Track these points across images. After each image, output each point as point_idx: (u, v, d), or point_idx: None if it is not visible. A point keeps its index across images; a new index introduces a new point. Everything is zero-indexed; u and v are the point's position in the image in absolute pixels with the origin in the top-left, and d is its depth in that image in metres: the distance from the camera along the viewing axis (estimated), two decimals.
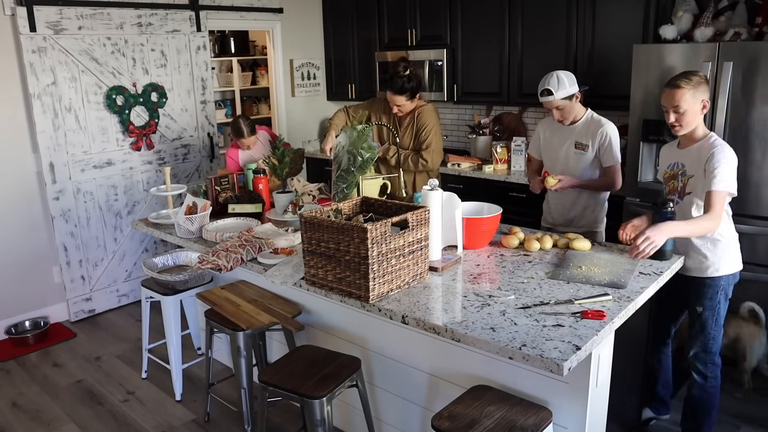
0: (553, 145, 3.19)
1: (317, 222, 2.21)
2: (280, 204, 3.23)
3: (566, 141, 3.12)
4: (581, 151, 3.06)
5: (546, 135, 3.24)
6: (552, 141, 3.20)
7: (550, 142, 3.20)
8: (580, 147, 3.06)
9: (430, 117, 3.65)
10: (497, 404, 2.04)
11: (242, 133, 4.13)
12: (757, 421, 2.99)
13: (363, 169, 2.82)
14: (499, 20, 4.53)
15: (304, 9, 5.73)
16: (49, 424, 3.21)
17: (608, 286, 2.22)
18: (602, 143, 3.01)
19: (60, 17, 4.08)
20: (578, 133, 3.07)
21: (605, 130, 3.00)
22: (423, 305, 2.13)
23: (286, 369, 2.39)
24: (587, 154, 3.05)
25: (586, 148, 3.04)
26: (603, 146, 3.02)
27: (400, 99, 3.59)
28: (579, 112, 3.07)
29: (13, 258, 4.18)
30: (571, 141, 3.10)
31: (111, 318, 4.53)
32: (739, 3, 3.46)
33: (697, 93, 2.40)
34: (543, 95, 2.97)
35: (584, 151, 3.05)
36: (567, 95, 2.96)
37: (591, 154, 3.05)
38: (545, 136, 3.24)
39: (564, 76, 2.96)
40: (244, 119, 4.20)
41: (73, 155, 4.27)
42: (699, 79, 2.43)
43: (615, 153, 3.01)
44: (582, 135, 3.06)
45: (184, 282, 3.19)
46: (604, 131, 3.00)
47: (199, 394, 3.38)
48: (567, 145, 3.11)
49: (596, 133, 3.01)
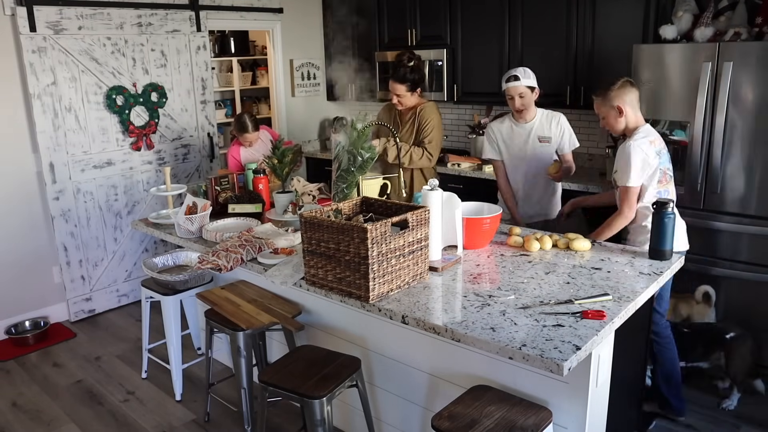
0: (515, 145, 3.40)
1: (317, 222, 2.21)
2: (280, 204, 3.23)
3: (528, 138, 3.36)
4: (546, 143, 3.34)
5: (503, 137, 3.42)
6: (513, 141, 3.40)
7: (511, 142, 3.41)
8: (544, 140, 3.34)
9: (433, 113, 3.65)
10: (497, 404, 2.04)
11: (246, 128, 4.18)
12: (757, 421, 2.99)
13: (363, 169, 2.82)
14: (499, 20, 4.53)
15: (304, 9, 5.73)
16: (49, 424, 3.21)
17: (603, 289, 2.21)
18: (562, 133, 3.34)
19: (60, 17, 4.08)
20: (538, 128, 3.35)
21: (561, 120, 3.35)
22: (423, 305, 2.13)
23: (286, 369, 2.39)
24: (551, 145, 3.35)
25: (550, 140, 3.35)
26: (563, 135, 3.34)
27: (400, 88, 3.58)
28: (534, 110, 3.35)
29: (13, 258, 4.18)
30: (533, 136, 3.35)
31: (111, 318, 4.53)
32: (739, 3, 3.46)
33: (607, 100, 2.74)
34: (510, 81, 3.23)
35: (549, 143, 3.35)
36: (531, 84, 3.24)
37: (554, 145, 3.35)
38: (502, 138, 3.43)
39: (526, 69, 3.27)
40: (249, 115, 4.28)
41: (73, 155, 4.27)
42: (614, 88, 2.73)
43: (574, 138, 3.38)
44: (542, 129, 3.34)
45: (184, 282, 3.19)
46: (562, 122, 3.34)
47: (199, 394, 3.38)
48: (531, 142, 3.35)
49: (555, 124, 3.32)
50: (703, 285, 3.29)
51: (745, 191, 3.27)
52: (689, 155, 3.41)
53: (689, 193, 3.45)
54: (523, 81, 3.21)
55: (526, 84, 3.22)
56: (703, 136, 3.34)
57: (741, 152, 3.25)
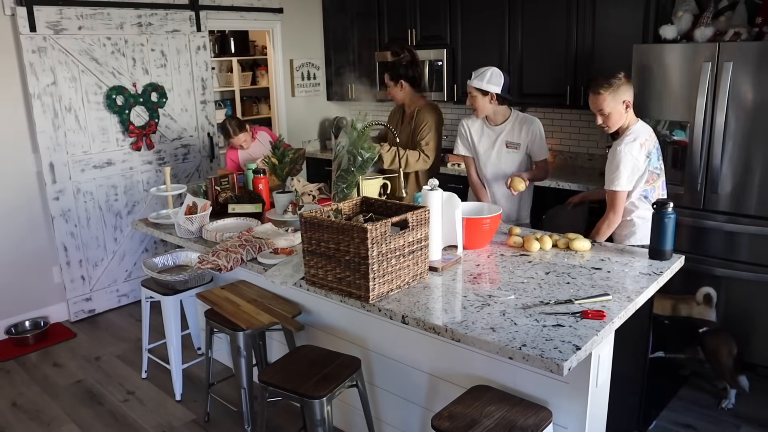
0: (482, 146, 3.36)
1: (317, 222, 2.21)
2: (280, 204, 3.23)
3: (495, 141, 3.30)
4: (513, 149, 3.27)
5: (472, 133, 3.38)
6: (481, 142, 3.36)
7: (479, 142, 3.36)
8: (512, 146, 3.27)
9: (429, 115, 3.63)
10: (497, 404, 2.04)
11: (229, 133, 4.28)
12: (757, 421, 2.99)
13: (363, 169, 2.82)
14: (499, 20, 4.53)
15: (304, 9, 5.73)
16: (49, 424, 3.21)
17: (602, 289, 2.22)
18: (533, 139, 3.24)
19: (60, 17, 4.08)
20: (507, 133, 3.28)
21: (535, 127, 3.24)
22: (423, 305, 2.13)
23: (286, 369, 2.39)
24: (519, 151, 3.28)
25: (518, 147, 3.26)
26: (534, 142, 3.25)
27: (386, 77, 3.70)
28: (503, 113, 3.28)
29: (13, 258, 4.18)
30: (501, 141, 3.29)
31: (111, 318, 4.53)
32: (739, 3, 3.46)
33: (617, 95, 2.66)
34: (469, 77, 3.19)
35: (516, 149, 3.27)
36: (481, 88, 3.16)
37: (522, 150, 3.27)
38: (471, 135, 3.38)
39: (493, 72, 3.15)
40: (230, 119, 4.37)
41: (73, 155, 4.27)
42: (619, 82, 2.67)
43: (545, 146, 3.29)
44: (511, 134, 3.27)
45: (184, 282, 3.19)
46: (534, 128, 3.24)
47: (199, 394, 3.38)
48: (498, 145, 3.30)
49: (526, 130, 3.23)
50: (704, 286, 3.27)
51: (744, 191, 3.27)
52: (689, 155, 3.41)
53: (689, 193, 3.45)
54: (473, 81, 3.17)
55: (475, 85, 3.17)
56: (703, 136, 3.34)
57: (741, 152, 3.25)
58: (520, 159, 3.31)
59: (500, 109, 3.28)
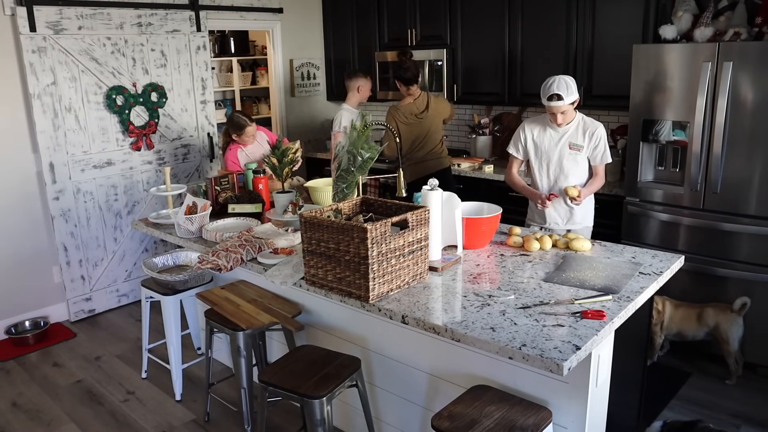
0: (544, 146, 3.25)
1: (317, 222, 2.21)
2: (280, 204, 3.23)
3: (559, 142, 3.19)
4: (576, 151, 3.17)
5: (534, 136, 3.28)
6: (543, 142, 3.25)
7: (541, 143, 3.26)
8: (575, 147, 3.16)
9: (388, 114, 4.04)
10: (497, 404, 2.04)
11: (243, 125, 4.03)
12: (757, 421, 2.99)
13: (363, 169, 2.82)
14: (499, 20, 4.53)
15: (304, 9, 5.73)
16: (49, 424, 3.21)
17: (602, 290, 2.21)
18: (596, 144, 3.14)
19: (60, 17, 4.08)
20: (571, 134, 3.17)
21: (599, 132, 3.15)
22: (423, 305, 2.13)
23: (286, 369, 2.39)
24: (581, 154, 3.17)
25: (581, 149, 3.16)
26: (597, 147, 3.15)
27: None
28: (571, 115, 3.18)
29: (13, 258, 4.18)
30: (564, 142, 3.18)
31: (111, 318, 4.53)
32: (739, 3, 3.46)
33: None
34: (552, 99, 3.02)
35: (579, 151, 3.17)
36: (574, 100, 3.06)
37: (584, 154, 3.17)
38: (533, 136, 3.28)
39: (570, 81, 3.05)
40: (238, 112, 4.22)
41: (73, 155, 4.27)
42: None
43: (608, 153, 3.19)
44: (575, 136, 3.17)
45: (184, 282, 3.19)
46: (598, 133, 3.15)
47: (199, 394, 3.38)
48: (561, 146, 3.19)
49: (591, 134, 3.14)
50: (742, 296, 3.23)
51: (744, 191, 3.27)
52: (689, 155, 3.41)
53: (689, 193, 3.45)
54: (567, 100, 3.00)
55: (570, 101, 3.03)
56: (702, 136, 3.34)
57: (741, 152, 3.25)
58: (580, 162, 3.19)
59: None
